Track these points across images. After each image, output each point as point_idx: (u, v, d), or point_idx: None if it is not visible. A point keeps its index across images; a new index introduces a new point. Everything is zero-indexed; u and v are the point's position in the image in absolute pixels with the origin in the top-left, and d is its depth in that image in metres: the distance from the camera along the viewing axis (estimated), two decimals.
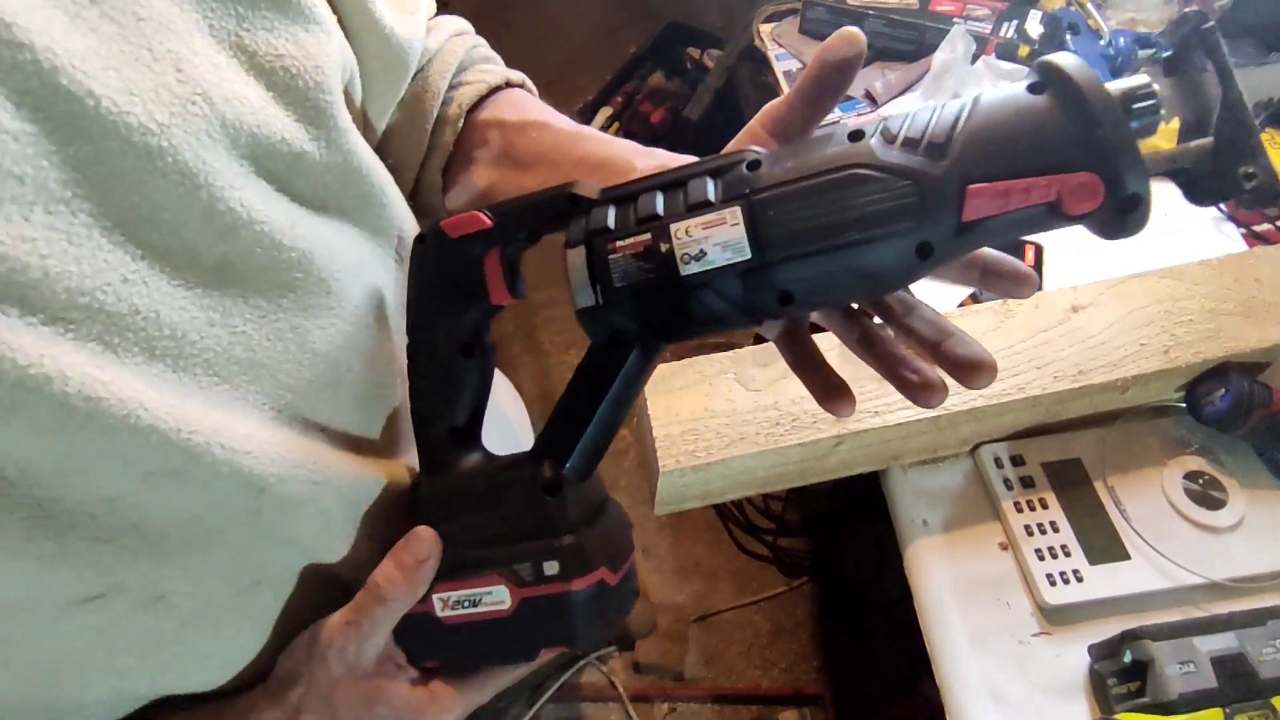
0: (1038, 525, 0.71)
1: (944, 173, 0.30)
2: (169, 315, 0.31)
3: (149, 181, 0.30)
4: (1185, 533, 0.71)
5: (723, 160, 0.35)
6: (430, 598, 0.39)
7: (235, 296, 0.34)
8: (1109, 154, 0.28)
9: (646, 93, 2.06)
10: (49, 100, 0.27)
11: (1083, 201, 0.29)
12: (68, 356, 0.28)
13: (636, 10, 2.41)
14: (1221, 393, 0.70)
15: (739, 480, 0.72)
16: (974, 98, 0.31)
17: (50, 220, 0.27)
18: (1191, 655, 0.60)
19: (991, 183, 0.30)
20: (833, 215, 0.31)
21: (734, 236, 0.32)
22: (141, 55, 0.30)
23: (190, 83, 0.31)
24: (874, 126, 0.32)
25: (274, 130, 0.34)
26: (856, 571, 1.57)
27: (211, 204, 0.32)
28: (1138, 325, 0.73)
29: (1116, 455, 0.75)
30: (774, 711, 1.48)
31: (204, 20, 0.32)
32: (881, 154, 0.31)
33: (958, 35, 1.11)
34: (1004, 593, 0.71)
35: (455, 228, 0.39)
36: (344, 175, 0.39)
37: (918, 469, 0.78)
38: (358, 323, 0.40)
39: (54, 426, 0.28)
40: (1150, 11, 1.19)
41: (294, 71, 0.35)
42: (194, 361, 0.32)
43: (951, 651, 0.68)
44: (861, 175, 0.30)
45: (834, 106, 0.37)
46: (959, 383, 0.34)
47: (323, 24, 0.37)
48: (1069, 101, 0.29)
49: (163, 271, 0.31)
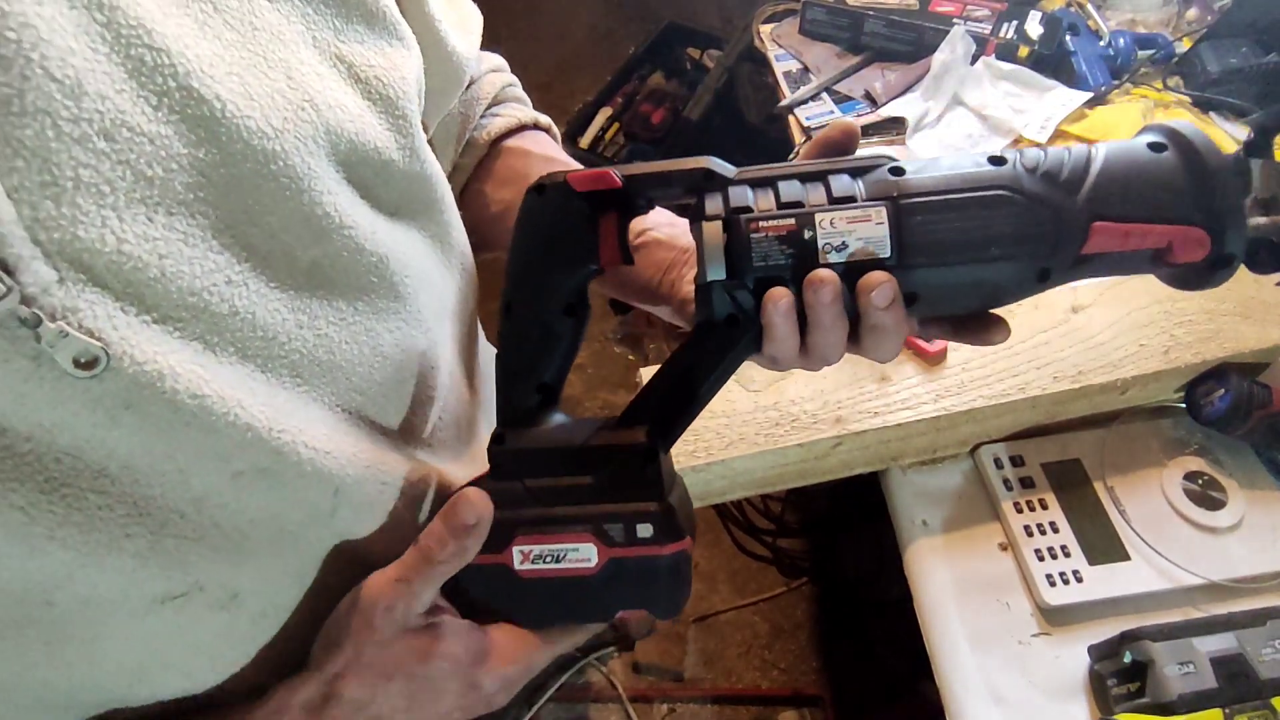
0: (1037, 526, 0.71)
1: (1078, 207, 0.33)
2: (263, 317, 0.32)
3: (261, 185, 0.31)
4: (1185, 533, 0.71)
5: (862, 161, 0.36)
6: (510, 549, 0.38)
7: (321, 300, 0.35)
8: (1223, 215, 0.33)
9: (646, 93, 2.06)
10: (182, 103, 0.28)
11: (1190, 253, 0.34)
12: (175, 355, 0.29)
13: (635, 11, 2.41)
14: (1221, 393, 0.70)
15: (738, 480, 0.72)
16: (1097, 146, 0.35)
17: (171, 221, 0.28)
18: (1191, 656, 0.60)
19: (1116, 223, 0.33)
20: (974, 231, 0.33)
21: (878, 234, 0.34)
22: (258, 63, 0.31)
23: (299, 90, 0.32)
24: (1013, 155, 0.35)
25: (369, 138, 0.36)
26: (856, 572, 1.57)
27: (311, 208, 0.33)
28: (1137, 326, 0.73)
29: (1116, 456, 0.75)
30: (773, 712, 1.48)
31: (308, 32, 0.34)
32: (1025, 181, 0.34)
33: (957, 36, 1.11)
34: (1004, 593, 0.71)
35: (582, 182, 0.38)
36: (419, 183, 0.41)
37: (917, 469, 0.78)
38: (420, 327, 0.41)
39: (161, 424, 0.29)
40: (1150, 12, 1.19)
41: (384, 82, 0.37)
42: (280, 363, 0.33)
43: (951, 652, 0.68)
44: (1006, 198, 0.33)
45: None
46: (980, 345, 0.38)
47: (404, 39, 0.39)
48: (1191, 163, 0.33)
49: (262, 274, 0.32)
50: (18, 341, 0.25)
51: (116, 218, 0.27)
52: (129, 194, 0.27)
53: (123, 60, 0.27)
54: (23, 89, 0.24)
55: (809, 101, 1.18)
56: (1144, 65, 1.11)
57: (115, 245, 0.27)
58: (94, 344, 0.26)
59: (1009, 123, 1.08)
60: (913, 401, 0.70)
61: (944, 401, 0.70)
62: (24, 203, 0.25)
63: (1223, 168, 0.33)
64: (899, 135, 1.12)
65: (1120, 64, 1.11)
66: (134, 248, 0.27)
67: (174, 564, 0.31)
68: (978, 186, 0.34)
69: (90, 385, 0.27)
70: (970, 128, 1.11)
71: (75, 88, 0.25)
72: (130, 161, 0.27)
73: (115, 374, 0.27)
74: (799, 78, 1.23)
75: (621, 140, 1.99)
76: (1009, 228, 0.33)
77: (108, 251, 0.27)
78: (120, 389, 0.27)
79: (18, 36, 0.24)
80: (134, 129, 0.27)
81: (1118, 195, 0.33)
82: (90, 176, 0.26)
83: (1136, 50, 1.11)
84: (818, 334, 0.35)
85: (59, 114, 0.25)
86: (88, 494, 0.28)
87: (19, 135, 0.24)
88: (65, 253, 0.26)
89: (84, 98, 0.26)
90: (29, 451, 0.27)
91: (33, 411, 0.26)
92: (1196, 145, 0.33)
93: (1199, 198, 0.33)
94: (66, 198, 0.25)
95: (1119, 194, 0.33)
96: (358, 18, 0.36)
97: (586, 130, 1.97)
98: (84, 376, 0.26)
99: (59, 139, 0.25)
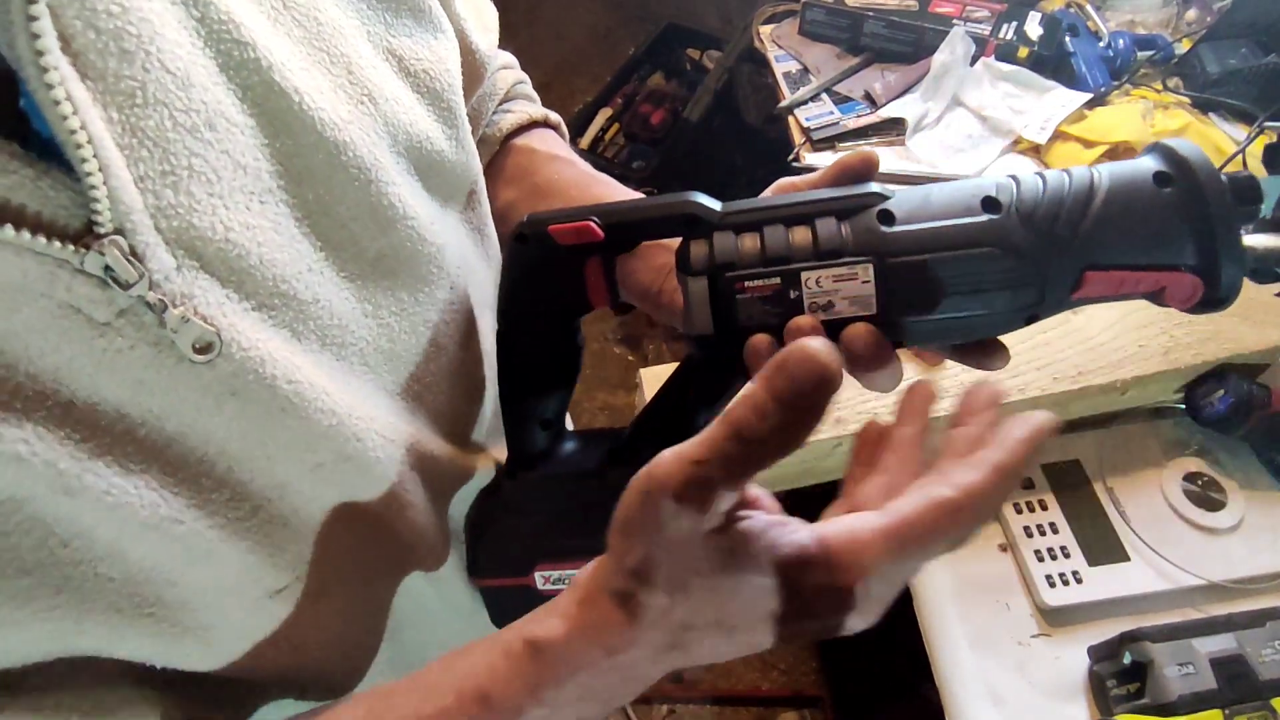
0: (1037, 526, 0.71)
1: (1070, 260, 0.32)
2: (338, 305, 0.33)
3: (332, 175, 0.32)
4: (1184, 534, 0.71)
5: (849, 201, 0.34)
6: (532, 574, 0.40)
7: (386, 290, 0.35)
8: (1221, 264, 0.31)
9: (646, 94, 2.06)
10: (265, 95, 0.29)
11: (1182, 299, 0.32)
12: (272, 341, 0.29)
13: (635, 12, 2.42)
14: (1220, 394, 0.70)
15: None
16: (1100, 176, 0.33)
17: (264, 210, 0.29)
18: (1191, 656, 0.60)
19: (1109, 271, 0.32)
20: (963, 288, 0.32)
21: (864, 294, 0.33)
22: (322, 58, 0.32)
23: (359, 84, 0.33)
24: (1009, 196, 0.33)
25: (421, 129, 0.36)
26: None
27: (378, 198, 0.34)
28: (1137, 327, 0.73)
29: (1116, 456, 0.75)
30: (774, 713, 1.48)
31: (363, 26, 0.35)
32: (1016, 236, 0.32)
33: (957, 37, 1.11)
34: (1003, 594, 0.71)
35: (564, 235, 0.37)
36: (464, 173, 0.41)
37: None
38: (468, 316, 0.42)
39: (259, 410, 0.29)
40: (1149, 13, 1.19)
41: (432, 74, 0.38)
42: (351, 351, 0.34)
43: (951, 653, 0.68)
44: (996, 255, 0.32)
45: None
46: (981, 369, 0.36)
47: (446, 33, 0.40)
48: (1193, 206, 0.31)
49: (334, 262, 0.33)
50: (144, 328, 0.26)
51: (223, 205, 0.28)
52: (231, 182, 0.28)
53: (215, 53, 0.28)
54: (145, 81, 0.25)
55: (809, 102, 1.18)
56: (1143, 66, 1.11)
57: (223, 233, 0.28)
58: (209, 329, 0.27)
59: (1008, 123, 1.08)
60: None
61: (943, 402, 0.70)
62: (149, 191, 0.26)
63: (1224, 211, 0.31)
64: (899, 136, 1.12)
65: (1120, 65, 1.11)
66: (238, 235, 0.28)
67: (275, 549, 0.32)
68: (968, 244, 0.32)
69: (202, 371, 0.28)
70: (970, 128, 1.11)
71: (185, 80, 0.26)
72: (230, 151, 0.28)
73: (225, 359, 0.28)
74: (799, 78, 1.23)
75: (621, 141, 1.99)
76: (995, 284, 0.32)
77: (217, 239, 0.27)
78: (228, 374, 0.28)
79: (138, 31, 0.25)
80: (230, 119, 0.28)
81: (1114, 242, 0.32)
82: (200, 165, 0.27)
83: (1136, 51, 1.11)
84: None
85: (174, 105, 0.26)
86: (200, 478, 0.29)
87: (143, 125, 0.25)
88: (182, 240, 0.27)
89: (192, 89, 0.27)
90: (144, 436, 0.28)
91: (148, 397, 0.27)
92: (1201, 180, 0.31)
93: (1198, 240, 0.32)
94: (183, 186, 0.26)
95: (1115, 240, 0.32)
96: (406, 11, 0.37)
97: (586, 130, 1.97)
98: (201, 362, 0.27)
99: (175, 129, 0.26)
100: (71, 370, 0.25)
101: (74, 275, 0.24)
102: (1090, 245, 0.32)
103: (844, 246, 0.33)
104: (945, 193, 0.34)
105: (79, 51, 0.24)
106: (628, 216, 0.37)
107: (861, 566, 0.25)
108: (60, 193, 0.24)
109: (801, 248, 0.34)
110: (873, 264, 0.32)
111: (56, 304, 0.24)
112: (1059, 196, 0.32)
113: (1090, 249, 0.32)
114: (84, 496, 0.26)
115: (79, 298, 0.25)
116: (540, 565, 0.40)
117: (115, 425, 0.27)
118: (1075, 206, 0.32)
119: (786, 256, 0.34)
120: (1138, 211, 0.32)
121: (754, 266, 0.34)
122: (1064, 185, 0.33)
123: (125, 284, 0.25)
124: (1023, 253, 0.32)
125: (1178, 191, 0.32)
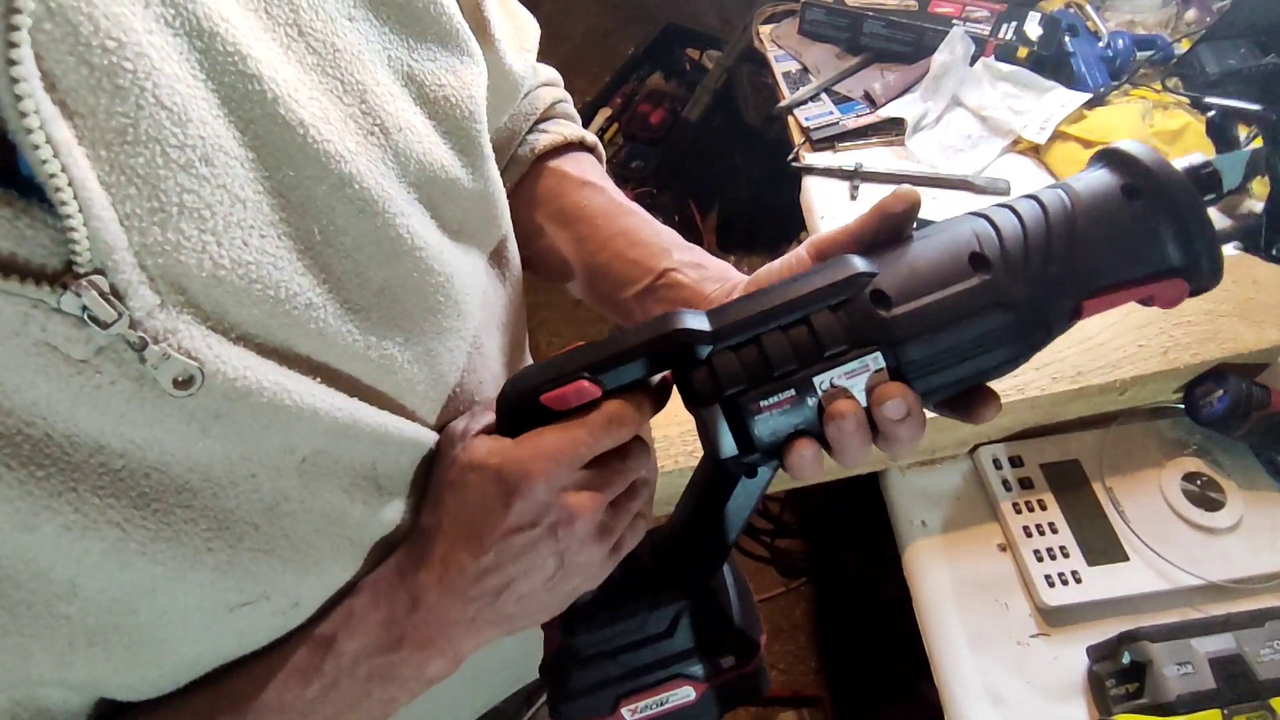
0: (1036, 526, 0.71)
1: (1067, 297, 0.33)
2: (335, 338, 0.32)
3: (336, 207, 0.31)
4: (1183, 534, 0.71)
5: (837, 289, 0.34)
6: (619, 710, 0.42)
7: (389, 322, 0.35)
8: (1204, 265, 0.32)
9: (645, 94, 2.06)
10: (267, 128, 0.29)
11: (1169, 300, 0.33)
12: (260, 368, 0.29)
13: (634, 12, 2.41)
14: (1219, 394, 0.70)
15: None
16: (1073, 202, 0.33)
17: (263, 244, 0.29)
18: (1190, 656, 0.60)
19: (1102, 296, 0.33)
20: (971, 352, 0.33)
21: (878, 380, 0.33)
22: (335, 87, 0.32)
23: (371, 114, 0.33)
24: (993, 249, 0.33)
25: (435, 159, 0.36)
26: (855, 572, 1.57)
27: (384, 229, 0.33)
28: (1136, 327, 0.73)
29: (1115, 456, 0.75)
30: (773, 713, 1.48)
31: (384, 51, 0.34)
32: (1013, 291, 0.33)
33: (957, 37, 1.11)
34: (1003, 594, 0.71)
35: (558, 402, 0.35)
36: (482, 202, 0.40)
37: (916, 470, 0.78)
38: (473, 343, 0.42)
39: (245, 430, 0.29)
40: (1149, 13, 1.19)
41: (453, 101, 0.37)
42: (348, 377, 0.34)
43: (950, 652, 0.68)
44: (997, 315, 0.33)
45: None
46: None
47: (474, 57, 0.39)
48: (1165, 212, 0.32)
49: (337, 294, 0.32)
50: (124, 364, 0.26)
51: (215, 242, 0.27)
52: (226, 217, 0.28)
53: (217, 86, 0.27)
54: (137, 118, 0.25)
55: (808, 102, 1.18)
56: (1143, 66, 1.11)
57: (211, 269, 0.27)
58: (191, 364, 0.27)
59: (1008, 123, 1.08)
60: None
61: None
62: (134, 229, 0.25)
63: (1195, 207, 0.32)
64: (898, 136, 1.12)
65: (1119, 65, 1.11)
66: (228, 272, 0.28)
67: (247, 576, 0.32)
68: (969, 313, 0.32)
69: (185, 401, 0.27)
70: (969, 128, 1.11)
71: (182, 115, 0.26)
72: (227, 185, 0.28)
73: (208, 391, 0.28)
74: (798, 78, 1.23)
75: (620, 141, 1.99)
76: (1005, 338, 0.33)
77: (204, 275, 0.27)
78: (212, 403, 0.28)
79: (134, 66, 0.24)
80: (229, 153, 0.28)
81: (1103, 266, 0.33)
82: (193, 201, 0.27)
83: (1135, 51, 1.11)
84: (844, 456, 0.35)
85: (168, 141, 0.26)
86: (175, 509, 0.29)
87: (132, 164, 0.25)
88: (167, 277, 0.26)
89: (189, 124, 0.26)
90: (122, 468, 0.27)
91: (129, 429, 0.27)
92: (1166, 185, 0.32)
93: (1178, 242, 0.33)
94: (172, 224, 0.26)
95: (1104, 264, 0.33)
96: (432, 37, 0.36)
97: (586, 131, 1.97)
98: (181, 395, 0.27)
99: (167, 166, 0.26)
100: (50, 405, 0.25)
101: (49, 315, 0.24)
102: (1082, 277, 0.33)
103: (847, 340, 0.33)
104: (930, 255, 0.34)
105: (69, 89, 0.24)
106: (613, 354, 0.35)
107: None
108: (40, 232, 0.24)
109: (805, 351, 0.33)
110: (881, 352, 0.33)
111: (32, 342, 0.24)
112: (1041, 234, 0.33)
113: (1083, 281, 0.33)
114: (42, 532, 0.26)
115: (55, 336, 0.24)
116: (623, 701, 0.42)
117: (92, 458, 0.27)
118: (1059, 241, 0.33)
119: (792, 366, 0.33)
120: (1118, 230, 0.33)
121: (763, 384, 0.33)
122: (1041, 221, 0.33)
123: (103, 323, 0.25)
124: (1023, 306, 0.33)
125: (1148, 202, 0.33)
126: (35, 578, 0.27)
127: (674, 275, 0.47)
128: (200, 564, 0.30)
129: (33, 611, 0.27)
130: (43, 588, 0.27)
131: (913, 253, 0.34)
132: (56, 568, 0.27)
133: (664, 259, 0.47)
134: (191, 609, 0.31)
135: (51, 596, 0.27)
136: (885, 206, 0.36)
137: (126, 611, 0.29)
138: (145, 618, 0.30)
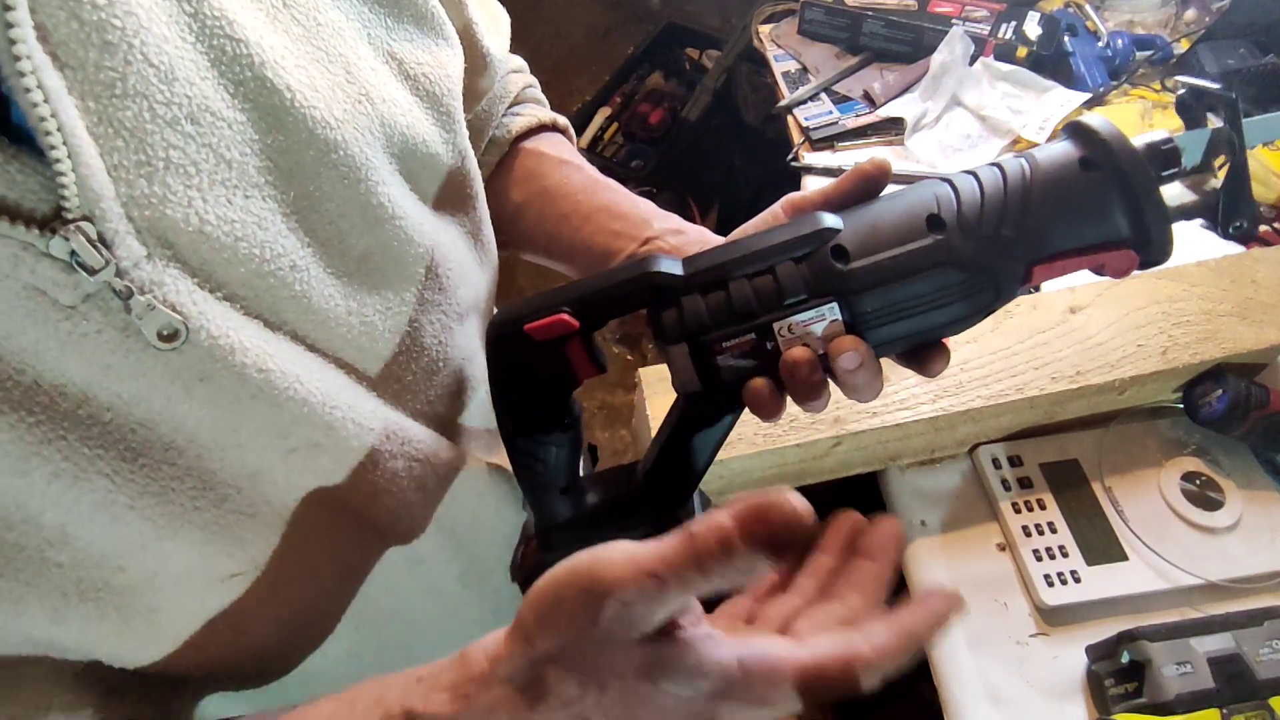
0: (1035, 526, 0.71)
1: (1017, 259, 0.35)
2: (318, 301, 0.33)
3: (322, 173, 0.32)
4: (1182, 534, 0.71)
5: (802, 242, 0.36)
6: None
7: (370, 289, 0.36)
8: (1153, 238, 0.34)
9: (645, 93, 2.06)
10: (256, 91, 0.30)
11: (1119, 270, 0.35)
12: (244, 330, 0.30)
13: (634, 11, 2.41)
14: (1219, 394, 0.70)
15: (736, 481, 0.72)
16: (1033, 166, 0.35)
17: (247, 204, 0.30)
18: (1189, 656, 0.60)
19: (1052, 261, 0.35)
20: (922, 307, 0.35)
21: (833, 330, 0.35)
22: (320, 56, 0.33)
23: (356, 84, 0.34)
24: (950, 211, 0.35)
25: (417, 132, 0.37)
26: None
27: (367, 196, 0.34)
28: (1135, 326, 0.73)
29: (1114, 456, 0.75)
30: None
31: (364, 29, 0.35)
32: (964, 251, 0.34)
33: (956, 36, 1.11)
34: (1002, 593, 0.71)
35: (540, 333, 0.37)
36: (460, 177, 0.42)
37: (916, 470, 0.78)
38: (456, 318, 0.43)
39: (229, 397, 0.30)
40: (1148, 13, 1.19)
41: (432, 79, 0.38)
42: (329, 343, 0.35)
43: (949, 652, 0.68)
44: (948, 272, 0.34)
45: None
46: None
47: (449, 39, 0.40)
48: (1116, 185, 0.34)
49: (320, 258, 0.33)
50: (110, 313, 0.27)
51: (200, 198, 0.28)
52: (211, 175, 0.28)
53: (206, 49, 0.28)
54: (125, 73, 0.26)
55: (808, 102, 1.18)
56: (1142, 66, 1.11)
57: (198, 225, 0.28)
58: (175, 317, 0.28)
59: (1007, 123, 1.08)
60: (911, 401, 0.70)
61: (942, 402, 0.70)
62: (121, 180, 0.26)
63: (1145, 182, 0.34)
64: (898, 135, 1.12)
65: (1118, 65, 1.11)
66: (214, 228, 0.28)
67: (234, 540, 0.33)
68: (921, 269, 0.34)
69: (170, 358, 0.28)
70: (968, 128, 1.11)
71: (169, 73, 0.27)
72: (213, 145, 0.28)
73: (193, 347, 0.28)
74: (798, 78, 1.23)
75: (620, 140, 1.99)
76: (955, 296, 0.35)
77: (190, 230, 0.28)
78: (196, 361, 0.29)
79: (122, 23, 0.26)
80: (215, 114, 0.28)
81: (1054, 233, 0.35)
82: (179, 158, 0.27)
83: (1135, 51, 1.11)
84: (800, 398, 0.36)
85: (154, 97, 0.27)
86: (161, 465, 0.30)
87: (120, 116, 0.26)
88: (154, 229, 0.27)
89: (175, 83, 0.27)
90: (110, 421, 0.28)
91: (115, 382, 0.28)
92: (1120, 159, 0.34)
93: (1128, 215, 0.34)
94: (158, 177, 0.27)
95: (1055, 231, 0.35)
96: (409, 18, 0.38)
97: (585, 130, 1.98)
98: (166, 349, 0.28)
99: (154, 120, 0.27)
100: (38, 352, 0.26)
101: (39, 258, 0.25)
102: (1033, 241, 0.34)
103: (806, 290, 0.35)
104: (891, 215, 0.36)
105: (60, 42, 0.25)
106: (596, 297, 0.37)
107: (774, 694, 0.27)
108: (29, 177, 0.24)
109: (767, 298, 0.35)
110: (837, 303, 0.35)
111: (21, 285, 0.25)
112: (998, 199, 0.35)
113: (1033, 245, 0.35)
114: (32, 477, 0.27)
115: (44, 280, 0.25)
116: None
117: (79, 408, 0.27)
118: (1014, 207, 0.34)
119: (754, 311, 0.35)
120: (1070, 200, 0.34)
121: (727, 325, 0.36)
122: (999, 186, 0.35)
123: (91, 269, 0.25)
124: (972, 265, 0.34)
125: (1103, 174, 0.34)
126: (27, 521, 0.28)
127: (656, 243, 0.49)
128: (188, 523, 0.31)
129: (25, 555, 0.28)
130: (34, 532, 0.28)
131: (875, 212, 0.36)
132: (47, 513, 0.28)
133: (645, 228, 0.49)
134: (182, 575, 0.32)
135: (43, 542, 0.28)
136: (860, 169, 0.38)
137: (116, 568, 0.30)
138: (135, 576, 0.31)
